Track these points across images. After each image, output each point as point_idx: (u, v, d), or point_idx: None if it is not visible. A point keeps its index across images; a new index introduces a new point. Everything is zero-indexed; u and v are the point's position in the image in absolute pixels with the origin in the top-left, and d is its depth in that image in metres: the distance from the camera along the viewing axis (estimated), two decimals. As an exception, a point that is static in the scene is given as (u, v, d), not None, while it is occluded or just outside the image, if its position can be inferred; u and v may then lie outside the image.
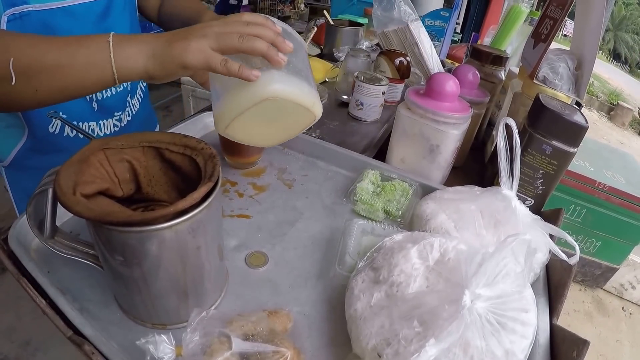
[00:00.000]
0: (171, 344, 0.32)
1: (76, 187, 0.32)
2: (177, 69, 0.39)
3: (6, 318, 1.26)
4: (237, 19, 0.40)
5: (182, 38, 0.38)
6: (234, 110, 0.39)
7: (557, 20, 0.63)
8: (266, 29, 0.39)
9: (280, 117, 0.43)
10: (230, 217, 0.53)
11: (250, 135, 0.44)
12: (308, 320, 0.41)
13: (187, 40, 0.38)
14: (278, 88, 0.38)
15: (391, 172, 0.60)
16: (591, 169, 1.56)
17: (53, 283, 0.38)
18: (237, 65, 0.37)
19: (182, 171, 0.39)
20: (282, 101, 0.38)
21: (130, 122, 0.71)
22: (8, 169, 0.66)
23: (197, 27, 0.39)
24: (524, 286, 0.36)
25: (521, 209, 0.46)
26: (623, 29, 11.50)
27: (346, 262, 0.45)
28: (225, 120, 0.40)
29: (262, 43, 0.37)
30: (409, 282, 0.36)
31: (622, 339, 1.67)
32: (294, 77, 0.39)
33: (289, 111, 0.41)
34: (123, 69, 0.39)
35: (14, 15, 0.49)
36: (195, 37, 0.38)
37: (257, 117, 0.40)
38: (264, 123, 0.43)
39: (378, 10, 0.97)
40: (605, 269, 1.75)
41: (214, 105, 0.42)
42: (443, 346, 0.30)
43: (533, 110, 0.56)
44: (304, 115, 0.42)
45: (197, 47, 0.37)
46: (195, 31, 0.39)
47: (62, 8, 0.53)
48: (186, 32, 0.39)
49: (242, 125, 0.41)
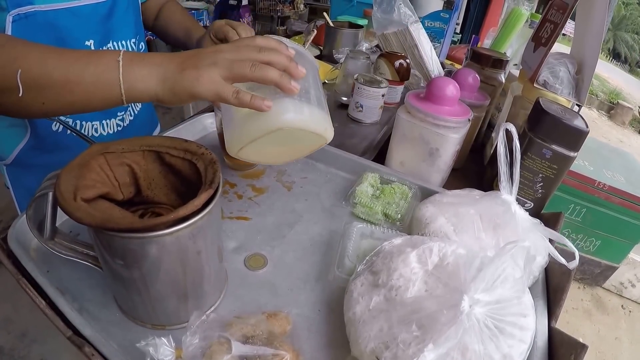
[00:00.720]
0: (171, 347, 0.32)
1: (77, 191, 0.33)
2: (188, 98, 0.38)
3: (3, 309, 1.27)
4: (249, 43, 0.39)
5: (193, 66, 0.37)
6: (246, 138, 0.39)
7: (558, 25, 0.63)
8: (279, 55, 0.38)
9: (292, 142, 0.43)
10: (230, 219, 0.53)
11: (261, 156, 0.45)
12: (307, 322, 0.41)
13: (198, 70, 0.37)
14: (290, 118, 0.38)
15: (390, 175, 0.60)
16: (591, 169, 1.56)
17: (52, 283, 0.38)
18: (249, 96, 0.37)
19: (182, 175, 0.39)
20: (294, 130, 0.39)
21: (132, 122, 0.72)
22: (10, 167, 0.66)
23: (208, 51, 0.39)
24: (522, 291, 0.36)
25: (520, 213, 0.46)
26: (623, 28, 11.48)
27: (345, 265, 0.45)
28: (237, 145, 0.40)
29: (274, 72, 0.37)
30: (408, 287, 0.36)
31: (621, 337, 1.68)
32: (306, 104, 0.39)
33: (300, 137, 0.41)
34: (132, 90, 0.38)
35: (19, 15, 0.49)
36: (206, 66, 0.37)
37: (269, 142, 0.40)
38: (276, 147, 0.43)
39: (378, 12, 0.97)
40: (604, 267, 1.76)
41: (225, 129, 0.42)
42: (441, 351, 0.31)
43: (533, 114, 0.56)
44: (316, 140, 0.42)
45: (208, 77, 0.37)
46: (206, 57, 0.38)
47: (67, 9, 0.54)
48: (197, 57, 0.38)
49: (254, 150, 0.41)
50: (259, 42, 0.40)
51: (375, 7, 0.98)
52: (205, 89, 0.37)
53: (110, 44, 0.62)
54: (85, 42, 0.58)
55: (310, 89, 0.41)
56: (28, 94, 0.38)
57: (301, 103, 0.39)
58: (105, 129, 0.66)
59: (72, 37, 0.56)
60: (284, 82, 0.37)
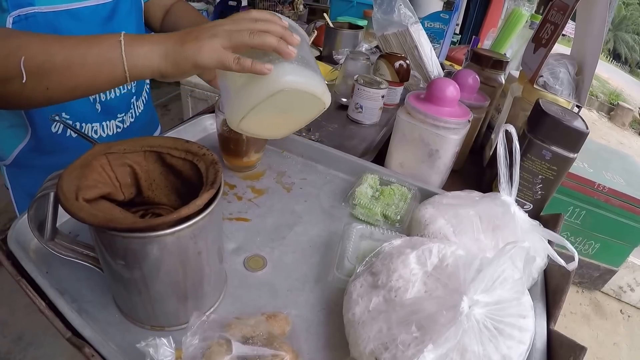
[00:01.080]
0: (171, 347, 0.32)
1: (79, 192, 0.33)
2: (190, 68, 0.40)
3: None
4: (245, 16, 0.42)
5: (193, 38, 0.39)
6: (248, 104, 0.41)
7: (558, 26, 0.63)
8: (274, 24, 0.41)
9: (292, 108, 0.44)
10: (229, 220, 0.53)
11: (262, 128, 0.46)
12: (306, 323, 0.41)
13: (199, 40, 0.39)
14: (291, 79, 0.40)
15: (390, 176, 0.60)
16: (590, 171, 1.56)
17: (52, 284, 0.38)
18: (250, 61, 0.38)
19: (183, 176, 0.39)
20: (295, 92, 0.40)
21: (132, 124, 0.71)
22: (9, 168, 0.66)
23: (207, 26, 0.41)
24: (522, 292, 0.37)
25: (520, 215, 0.47)
26: (623, 29, 11.49)
27: (345, 267, 0.45)
28: (239, 114, 0.42)
29: (272, 37, 0.39)
30: (407, 288, 0.36)
31: (619, 342, 1.67)
32: (304, 68, 0.41)
33: (300, 101, 0.43)
34: (135, 67, 0.40)
35: (19, 17, 0.49)
36: (207, 37, 0.39)
37: (269, 110, 0.42)
38: (276, 115, 0.44)
39: (378, 13, 0.97)
40: (603, 271, 1.76)
41: (226, 102, 0.44)
42: (440, 351, 0.31)
43: (533, 115, 0.56)
44: (315, 104, 0.44)
45: (209, 46, 0.39)
46: (205, 30, 0.40)
47: (67, 10, 0.54)
48: (197, 31, 0.40)
49: (255, 119, 0.43)
50: (255, 14, 0.42)
51: (375, 8, 0.98)
52: (208, 57, 0.39)
53: None
54: None
55: (306, 56, 0.43)
56: (32, 80, 0.39)
57: (299, 66, 0.41)
58: (105, 131, 0.66)
59: None
60: (281, 47, 0.39)
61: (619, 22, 11.43)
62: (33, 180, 0.52)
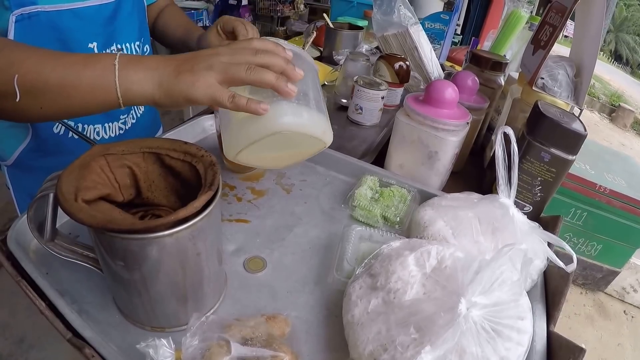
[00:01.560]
0: (171, 348, 0.33)
1: (78, 192, 0.33)
2: (183, 102, 0.38)
3: (0, 315, 1.26)
4: (246, 45, 0.39)
5: (189, 69, 0.37)
6: (242, 142, 0.39)
7: (557, 28, 0.64)
8: (276, 57, 0.38)
9: (291, 146, 0.43)
10: (229, 221, 0.53)
11: (261, 161, 0.44)
12: (306, 325, 0.41)
13: (194, 73, 0.37)
14: (287, 121, 0.37)
15: (389, 178, 0.60)
16: (592, 172, 1.56)
17: (52, 285, 0.38)
18: (245, 99, 0.36)
19: (182, 177, 0.40)
20: (292, 133, 0.38)
21: (134, 125, 0.72)
22: (10, 168, 0.66)
23: (204, 54, 0.38)
24: (520, 294, 0.37)
25: (519, 217, 0.47)
26: (624, 30, 11.46)
27: (344, 268, 0.45)
28: (234, 149, 0.40)
29: (270, 75, 0.37)
30: (406, 289, 0.37)
31: (623, 343, 1.67)
32: (304, 107, 0.39)
33: (299, 140, 0.41)
34: (128, 93, 0.38)
35: (22, 16, 0.49)
36: (202, 69, 0.37)
37: (267, 146, 0.40)
38: (274, 150, 0.42)
39: (378, 14, 0.97)
40: (606, 272, 1.75)
41: (223, 132, 0.42)
42: (439, 353, 0.31)
43: (531, 117, 0.56)
44: (314, 143, 0.42)
45: (204, 81, 0.36)
46: (202, 60, 0.38)
47: (70, 10, 0.54)
48: (193, 60, 0.38)
49: (252, 153, 0.41)
50: (256, 44, 0.39)
51: (375, 8, 0.99)
52: (201, 94, 0.36)
53: (114, 46, 0.62)
54: (89, 44, 0.58)
55: (308, 92, 0.40)
56: (25, 99, 0.38)
57: (299, 106, 0.38)
58: (107, 132, 0.67)
59: (74, 39, 0.56)
60: (280, 85, 0.37)
61: (620, 23, 11.40)
62: (34, 181, 0.53)
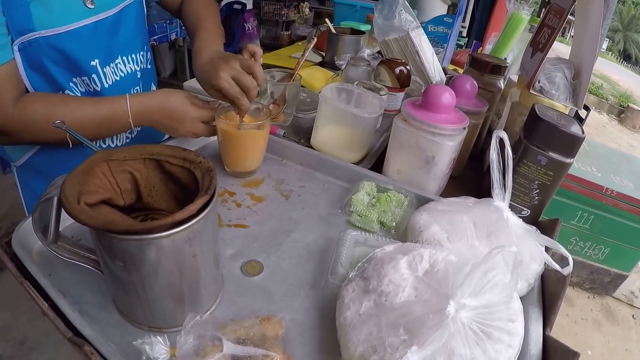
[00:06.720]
0: (166, 345, 0.34)
1: (81, 196, 0.34)
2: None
3: (1, 317, 1.28)
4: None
5: (174, 130, 0.62)
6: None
7: (555, 30, 0.64)
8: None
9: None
10: (228, 226, 0.54)
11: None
12: (300, 327, 0.42)
13: (178, 133, 0.62)
14: None
15: (387, 184, 0.61)
16: (598, 175, 1.54)
17: (54, 286, 0.40)
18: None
19: (181, 182, 0.41)
20: None
21: (140, 132, 0.74)
22: (19, 169, 0.69)
23: (190, 125, 0.61)
24: (511, 297, 0.37)
25: (513, 220, 0.47)
26: (633, 29, 11.25)
27: (338, 272, 0.46)
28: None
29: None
30: (397, 292, 0.37)
31: (632, 348, 1.64)
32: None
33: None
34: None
35: (23, 44, 0.51)
36: (188, 135, 0.62)
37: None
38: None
39: (379, 18, 0.98)
40: (614, 276, 1.73)
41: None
42: (426, 353, 0.31)
43: (528, 121, 0.57)
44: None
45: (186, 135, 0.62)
46: (189, 130, 0.61)
47: (68, 32, 0.55)
48: (177, 124, 0.61)
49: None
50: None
51: (377, 13, 0.99)
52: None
53: (118, 59, 0.64)
54: (91, 62, 0.60)
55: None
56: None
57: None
58: (114, 141, 0.69)
59: (77, 59, 0.57)
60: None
61: (628, 22, 11.21)
62: (42, 182, 0.55)
